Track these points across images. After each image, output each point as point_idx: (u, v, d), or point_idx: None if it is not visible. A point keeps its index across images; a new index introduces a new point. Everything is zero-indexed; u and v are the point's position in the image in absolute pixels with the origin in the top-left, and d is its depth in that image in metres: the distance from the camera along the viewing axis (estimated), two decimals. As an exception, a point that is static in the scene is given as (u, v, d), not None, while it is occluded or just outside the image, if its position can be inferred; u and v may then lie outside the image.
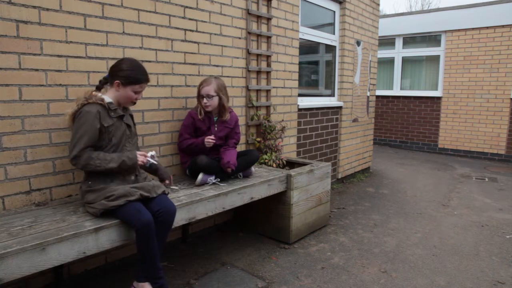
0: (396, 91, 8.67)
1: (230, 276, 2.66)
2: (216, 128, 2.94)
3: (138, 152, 2.18)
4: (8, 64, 2.07)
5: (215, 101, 2.85)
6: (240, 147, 3.59)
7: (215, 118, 2.95)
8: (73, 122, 2.07)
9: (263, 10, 3.73)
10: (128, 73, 2.13)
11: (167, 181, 2.49)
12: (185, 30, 2.99)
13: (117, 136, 2.16)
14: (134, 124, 2.38)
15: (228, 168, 2.79)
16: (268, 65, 3.84)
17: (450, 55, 7.74)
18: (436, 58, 8.07)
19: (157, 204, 2.09)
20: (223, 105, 2.91)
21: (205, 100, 2.82)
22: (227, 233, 3.44)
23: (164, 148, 2.96)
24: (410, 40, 8.52)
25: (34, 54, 2.17)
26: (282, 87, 4.09)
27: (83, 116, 2.03)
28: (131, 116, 2.34)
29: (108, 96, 2.16)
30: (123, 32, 2.58)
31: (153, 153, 2.28)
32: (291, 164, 3.76)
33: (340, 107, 5.17)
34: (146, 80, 2.21)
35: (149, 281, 2.11)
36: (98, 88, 2.22)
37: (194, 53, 3.09)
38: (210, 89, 2.82)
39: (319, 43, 4.89)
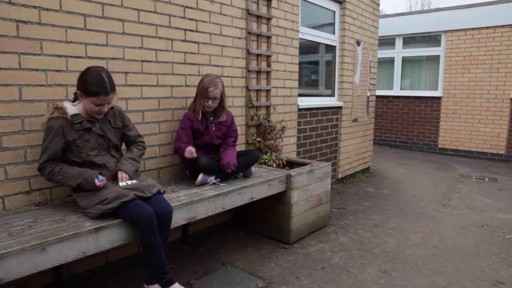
0: (396, 91, 8.67)
1: (230, 276, 2.66)
2: (213, 128, 2.94)
3: (96, 182, 2.04)
4: (8, 64, 2.07)
5: (217, 103, 2.86)
6: (240, 147, 3.60)
7: (211, 118, 2.94)
8: None
9: (263, 10, 3.73)
10: (85, 85, 2.02)
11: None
12: (185, 30, 2.99)
13: (87, 148, 2.11)
14: (118, 128, 2.29)
15: (228, 169, 2.79)
16: (268, 65, 3.84)
17: (450, 55, 7.74)
18: (436, 58, 8.07)
19: (154, 205, 2.09)
20: (223, 107, 2.92)
21: (210, 102, 2.79)
22: (227, 233, 3.44)
23: (164, 148, 2.96)
24: (410, 40, 8.52)
25: (34, 54, 2.17)
26: (282, 87, 4.09)
27: (46, 131, 2.04)
28: (110, 121, 2.24)
29: (77, 107, 2.10)
30: (123, 32, 2.58)
31: (125, 183, 2.14)
32: (291, 164, 3.76)
33: (340, 107, 5.17)
34: (105, 93, 2.04)
35: (158, 282, 2.11)
36: (76, 95, 2.14)
37: (194, 53, 3.09)
38: (218, 92, 2.80)
39: (319, 43, 4.89)
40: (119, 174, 2.20)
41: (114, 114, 2.29)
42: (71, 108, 2.08)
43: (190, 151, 2.67)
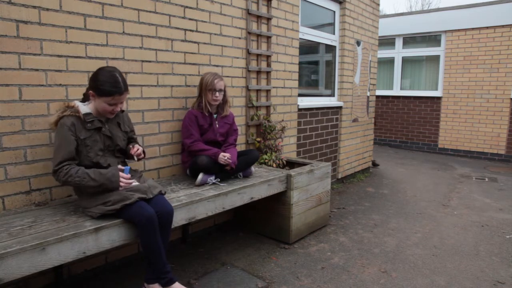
0: (396, 91, 8.67)
1: (230, 276, 2.66)
2: (217, 125, 2.96)
3: (121, 176, 2.07)
4: (8, 64, 2.07)
5: (222, 95, 2.95)
6: (240, 147, 3.60)
7: (215, 115, 2.97)
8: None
9: (263, 10, 3.73)
10: (99, 84, 2.03)
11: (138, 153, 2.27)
12: (185, 30, 2.99)
13: (95, 148, 2.11)
14: (126, 132, 2.31)
15: (228, 166, 2.79)
16: (268, 65, 3.84)
17: (450, 55, 7.74)
18: (436, 58, 8.07)
19: (155, 206, 2.09)
20: (226, 100, 3.01)
21: (217, 94, 2.87)
22: (227, 233, 3.44)
23: (164, 148, 2.96)
24: (410, 40, 8.52)
25: (34, 54, 2.17)
26: (282, 87, 4.09)
27: (58, 130, 2.02)
28: (119, 124, 2.26)
29: (88, 106, 2.11)
30: (123, 32, 2.58)
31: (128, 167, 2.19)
32: (291, 164, 3.76)
33: (340, 107, 5.17)
34: (119, 93, 2.05)
35: (158, 281, 2.12)
36: (85, 95, 2.16)
37: (194, 53, 3.09)
38: (223, 84, 2.91)
39: (319, 43, 4.89)
40: (135, 146, 2.25)
41: (124, 118, 2.32)
42: (83, 107, 2.09)
43: (224, 156, 2.77)
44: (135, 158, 2.26)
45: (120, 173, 2.09)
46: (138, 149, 2.27)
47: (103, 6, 2.45)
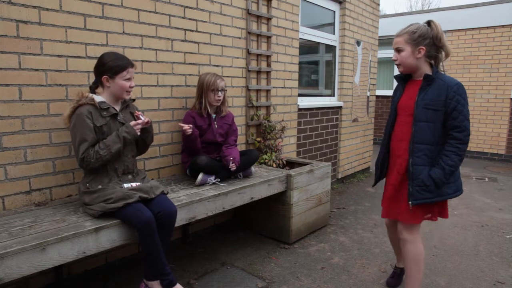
0: (396, 91, 8.66)
1: (230, 276, 2.66)
2: (216, 126, 2.95)
3: (132, 123, 2.15)
4: (8, 64, 2.07)
5: (223, 95, 2.95)
6: (240, 147, 3.60)
7: (214, 116, 2.96)
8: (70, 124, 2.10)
9: (263, 10, 3.73)
10: (111, 64, 2.10)
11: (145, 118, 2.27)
12: (185, 30, 2.99)
13: None
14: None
15: (234, 163, 2.79)
16: (268, 65, 3.84)
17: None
18: (436, 58, 8.06)
19: (157, 206, 2.09)
20: (225, 100, 3.00)
21: (219, 94, 2.89)
22: (227, 233, 3.44)
23: (164, 148, 2.96)
24: (410, 40, 8.50)
25: (34, 54, 2.17)
26: (282, 87, 4.09)
27: (76, 119, 2.04)
28: (132, 114, 2.28)
29: (100, 96, 2.16)
30: (123, 32, 2.58)
31: (141, 115, 2.23)
32: (291, 164, 3.76)
33: (340, 107, 5.17)
34: (131, 64, 2.17)
35: (158, 279, 2.13)
36: (92, 88, 2.21)
37: (194, 53, 3.09)
38: (224, 83, 2.91)
39: (319, 43, 4.89)
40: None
41: (135, 107, 2.36)
42: (97, 96, 2.14)
43: (185, 127, 2.68)
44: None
45: (132, 122, 2.15)
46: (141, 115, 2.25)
47: (103, 6, 2.45)
